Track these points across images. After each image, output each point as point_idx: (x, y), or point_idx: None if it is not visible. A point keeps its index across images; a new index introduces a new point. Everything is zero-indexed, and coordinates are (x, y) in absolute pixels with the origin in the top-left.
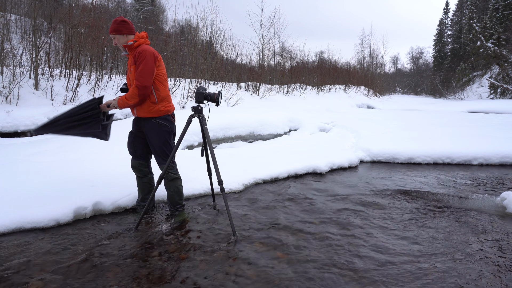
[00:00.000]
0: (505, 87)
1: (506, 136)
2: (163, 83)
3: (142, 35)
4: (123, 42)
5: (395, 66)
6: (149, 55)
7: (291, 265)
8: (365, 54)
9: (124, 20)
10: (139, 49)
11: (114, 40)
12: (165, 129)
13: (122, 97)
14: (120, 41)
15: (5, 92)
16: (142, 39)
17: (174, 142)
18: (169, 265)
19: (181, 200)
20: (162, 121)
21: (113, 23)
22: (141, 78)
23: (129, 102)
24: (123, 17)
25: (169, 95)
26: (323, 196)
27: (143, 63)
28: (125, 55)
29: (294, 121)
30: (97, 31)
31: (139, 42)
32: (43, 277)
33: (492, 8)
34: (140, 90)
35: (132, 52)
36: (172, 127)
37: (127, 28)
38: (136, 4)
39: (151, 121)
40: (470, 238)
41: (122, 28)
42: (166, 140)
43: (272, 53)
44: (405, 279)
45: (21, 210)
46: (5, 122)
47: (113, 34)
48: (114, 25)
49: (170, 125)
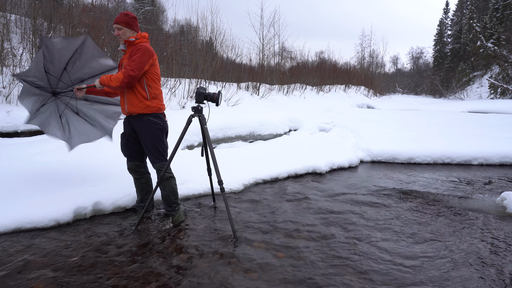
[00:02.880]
0: (505, 87)
1: (506, 136)
2: (156, 82)
3: (144, 35)
4: (127, 36)
5: (395, 66)
6: (147, 50)
7: (291, 265)
8: (365, 54)
9: (135, 17)
10: (138, 45)
11: (118, 31)
12: (158, 126)
13: (107, 76)
14: (126, 35)
15: (5, 92)
16: (144, 38)
17: (167, 141)
18: (169, 265)
19: (176, 199)
20: (154, 119)
21: (125, 15)
22: (129, 67)
23: (111, 83)
24: (133, 14)
25: (161, 94)
26: (323, 196)
27: (138, 55)
28: (122, 50)
29: (294, 121)
30: (97, 31)
31: (140, 40)
32: (43, 277)
33: (492, 8)
34: (125, 77)
35: (130, 49)
36: (164, 125)
37: (136, 25)
38: (136, 4)
39: (143, 119)
40: (470, 238)
41: (133, 23)
42: (159, 137)
43: (272, 53)
44: (405, 279)
45: (21, 210)
46: (5, 122)
47: (121, 25)
48: (125, 18)
49: (162, 122)
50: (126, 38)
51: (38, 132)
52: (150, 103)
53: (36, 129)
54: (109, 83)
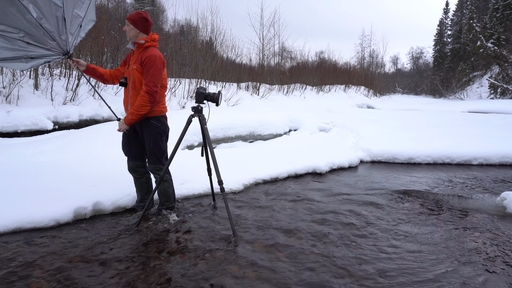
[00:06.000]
0: (505, 87)
1: (506, 136)
2: (163, 88)
3: (154, 38)
4: (132, 35)
5: (395, 66)
6: (159, 61)
7: (291, 265)
8: (365, 54)
9: (147, 19)
10: (148, 53)
11: (126, 26)
12: (158, 130)
13: (129, 113)
14: (131, 33)
15: (5, 92)
16: (153, 42)
17: (166, 144)
18: (169, 265)
19: (167, 202)
20: (155, 122)
21: (136, 14)
22: (151, 83)
23: (140, 112)
24: (147, 16)
25: (164, 97)
26: (323, 196)
27: (153, 68)
28: (130, 49)
29: (294, 121)
30: (97, 31)
31: (150, 44)
32: (43, 277)
33: (492, 8)
34: (150, 95)
35: (139, 51)
36: (164, 128)
37: (144, 27)
38: (136, 4)
39: (144, 121)
40: (470, 238)
41: (140, 23)
42: (157, 140)
43: (272, 53)
44: (405, 279)
45: (21, 210)
46: (5, 122)
47: (129, 21)
48: (134, 16)
49: (162, 126)
50: (135, 39)
51: (38, 132)
52: (153, 108)
53: (36, 129)
54: (140, 115)
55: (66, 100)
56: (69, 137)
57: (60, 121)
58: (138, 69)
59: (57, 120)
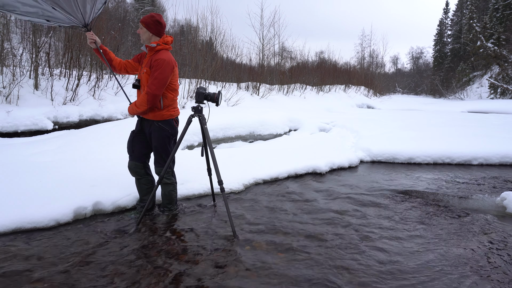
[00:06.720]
0: (505, 87)
1: (506, 136)
2: (173, 91)
3: (167, 41)
4: (146, 38)
5: (395, 66)
6: (167, 65)
7: (291, 265)
8: (365, 54)
9: (160, 22)
10: (158, 56)
11: (139, 29)
12: (166, 133)
13: (132, 104)
14: (144, 36)
15: (5, 92)
16: (166, 45)
17: (173, 147)
18: (169, 265)
19: (169, 204)
20: (164, 125)
21: (149, 16)
22: (153, 86)
23: (138, 109)
24: (161, 19)
25: (176, 100)
26: (323, 196)
27: (158, 72)
28: (144, 51)
29: (294, 121)
30: (97, 31)
31: (162, 47)
32: (43, 277)
33: (492, 8)
34: (149, 97)
35: (150, 54)
36: (173, 132)
37: (157, 30)
38: (136, 4)
39: (153, 123)
40: (470, 238)
41: (152, 26)
42: (165, 144)
43: (272, 53)
44: (405, 279)
45: (21, 210)
46: (5, 122)
47: (141, 24)
48: (147, 19)
49: (171, 130)
50: (147, 43)
51: (38, 132)
52: (162, 112)
53: (36, 129)
54: (137, 111)
55: (66, 100)
56: (69, 137)
57: (60, 121)
58: (148, 72)
59: (57, 120)
